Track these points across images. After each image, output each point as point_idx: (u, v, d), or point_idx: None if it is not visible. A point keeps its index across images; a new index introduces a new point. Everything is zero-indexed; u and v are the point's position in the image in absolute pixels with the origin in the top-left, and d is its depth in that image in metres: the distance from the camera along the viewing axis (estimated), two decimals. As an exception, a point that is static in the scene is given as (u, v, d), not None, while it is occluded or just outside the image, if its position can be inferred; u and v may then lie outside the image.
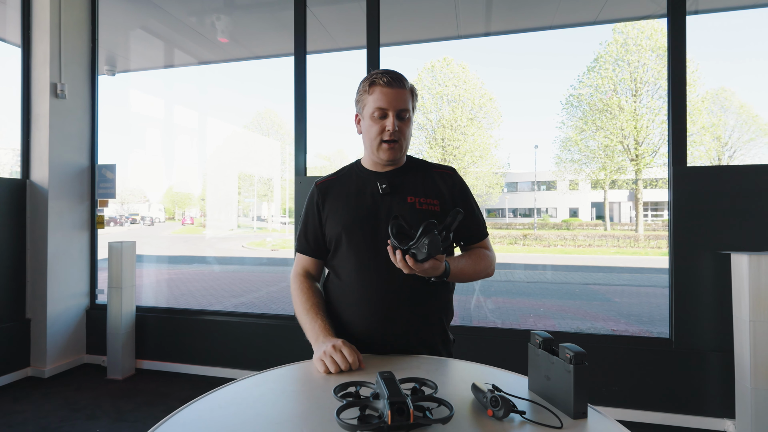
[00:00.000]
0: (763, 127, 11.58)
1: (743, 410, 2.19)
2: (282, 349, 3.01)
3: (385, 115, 1.12)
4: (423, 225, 0.95)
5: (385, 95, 1.11)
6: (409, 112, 1.15)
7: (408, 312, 1.12)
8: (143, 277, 6.98)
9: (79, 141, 3.41)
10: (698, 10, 3.30)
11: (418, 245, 0.95)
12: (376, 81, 1.13)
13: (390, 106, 1.11)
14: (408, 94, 1.15)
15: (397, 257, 0.97)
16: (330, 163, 12.02)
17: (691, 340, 2.45)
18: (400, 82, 1.13)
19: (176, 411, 0.77)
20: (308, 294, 1.18)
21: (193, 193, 12.72)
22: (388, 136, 1.13)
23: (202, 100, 7.79)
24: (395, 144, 1.14)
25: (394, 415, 0.65)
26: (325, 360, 0.97)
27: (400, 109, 1.12)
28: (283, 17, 3.75)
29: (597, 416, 0.73)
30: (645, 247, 11.47)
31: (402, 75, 1.15)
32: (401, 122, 1.13)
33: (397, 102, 1.12)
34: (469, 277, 1.17)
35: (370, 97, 1.14)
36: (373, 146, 1.16)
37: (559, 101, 12.58)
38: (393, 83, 1.12)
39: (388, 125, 1.12)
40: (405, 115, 1.14)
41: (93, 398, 2.79)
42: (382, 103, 1.12)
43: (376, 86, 1.13)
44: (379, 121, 1.13)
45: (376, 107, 1.12)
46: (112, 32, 3.90)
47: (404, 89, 1.13)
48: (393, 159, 1.16)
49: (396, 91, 1.12)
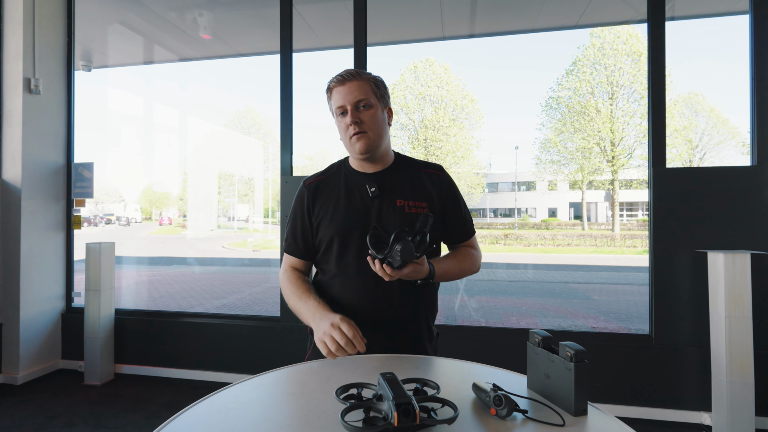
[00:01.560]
0: (731, 130, 12.04)
1: (719, 403, 2.27)
2: (267, 351, 2.97)
3: (345, 111, 1.14)
4: (394, 233, 0.99)
5: (339, 93, 1.14)
6: (370, 101, 1.15)
7: (395, 311, 1.15)
8: (121, 279, 6.78)
9: (55, 138, 3.29)
10: (674, 16, 3.42)
11: (392, 253, 0.98)
12: (330, 84, 1.17)
13: (345, 101, 1.13)
14: (366, 84, 1.15)
15: (376, 266, 1.01)
16: (312, 162, 11.93)
17: (669, 336, 2.53)
18: (352, 76, 1.14)
19: (173, 417, 0.75)
20: (297, 282, 1.19)
21: (171, 192, 12.44)
22: (353, 130, 1.14)
23: (182, 97, 7.61)
24: (362, 134, 1.14)
25: (401, 416, 0.65)
26: (325, 340, 0.98)
27: (356, 100, 1.13)
28: (267, 14, 3.70)
29: (597, 413, 0.75)
30: (621, 246, 11.79)
31: (358, 71, 1.16)
32: (361, 112, 1.14)
33: (352, 95, 1.13)
34: (454, 276, 1.20)
35: (332, 100, 1.17)
36: (347, 144, 1.18)
37: (539, 103, 12.82)
38: (344, 79, 1.14)
39: (347, 119, 1.13)
40: (364, 105, 1.14)
41: (70, 405, 2.70)
42: (338, 101, 1.15)
43: (332, 89, 1.16)
44: (343, 118, 1.15)
45: (336, 107, 1.16)
46: (89, 26, 3.78)
47: (359, 80, 1.14)
48: (366, 149, 1.15)
49: (348, 86, 1.13)
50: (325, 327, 1.00)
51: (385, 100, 1.20)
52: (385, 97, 1.20)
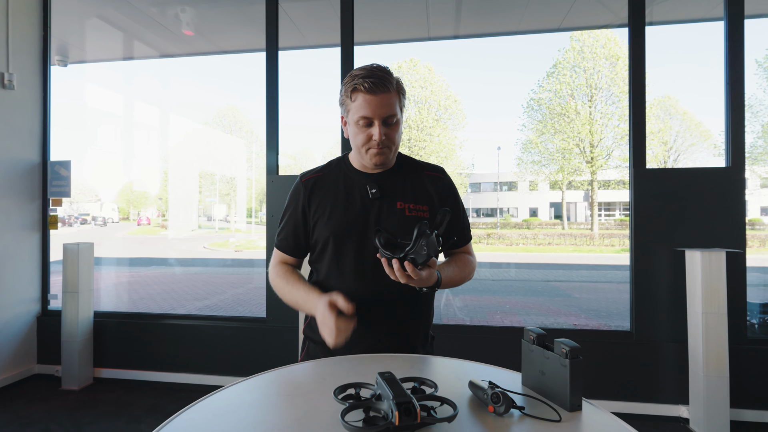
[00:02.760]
0: (703, 132, 12.48)
1: (696, 396, 2.35)
2: (254, 353, 2.93)
3: (371, 124, 1.06)
4: (417, 227, 0.92)
5: (369, 103, 1.03)
6: (397, 116, 1.08)
7: (394, 318, 1.12)
8: (100, 280, 6.59)
9: (30, 135, 3.18)
10: (651, 21, 3.52)
11: (417, 249, 0.92)
12: (357, 87, 1.04)
13: (374, 115, 1.04)
14: (394, 96, 1.06)
15: (395, 267, 0.94)
16: (295, 162, 11.83)
17: (650, 332, 2.60)
18: (384, 86, 1.04)
19: (165, 422, 0.74)
20: (287, 275, 1.17)
21: (150, 192, 12.16)
22: (376, 146, 1.07)
23: (162, 94, 7.44)
24: (384, 149, 1.09)
25: (402, 415, 0.65)
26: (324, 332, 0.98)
27: (386, 116, 1.05)
28: (251, 11, 3.65)
29: (591, 408, 0.77)
30: (600, 245, 12.08)
31: (386, 74, 1.06)
32: (388, 128, 1.07)
33: (382, 109, 1.04)
34: (455, 283, 1.17)
35: (353, 104, 1.06)
36: (361, 152, 1.11)
37: (521, 104, 13.04)
38: (376, 89, 1.03)
39: (374, 135, 1.05)
40: (392, 121, 1.07)
41: (46, 411, 2.61)
42: (366, 112, 1.04)
43: (359, 93, 1.04)
44: (365, 129, 1.06)
45: (360, 116, 1.05)
46: (66, 20, 3.65)
47: (389, 93, 1.05)
48: (382, 163, 1.12)
49: (380, 98, 1.03)
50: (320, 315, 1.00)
51: (405, 109, 1.14)
52: (405, 106, 1.13)
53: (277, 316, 2.88)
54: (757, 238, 10.17)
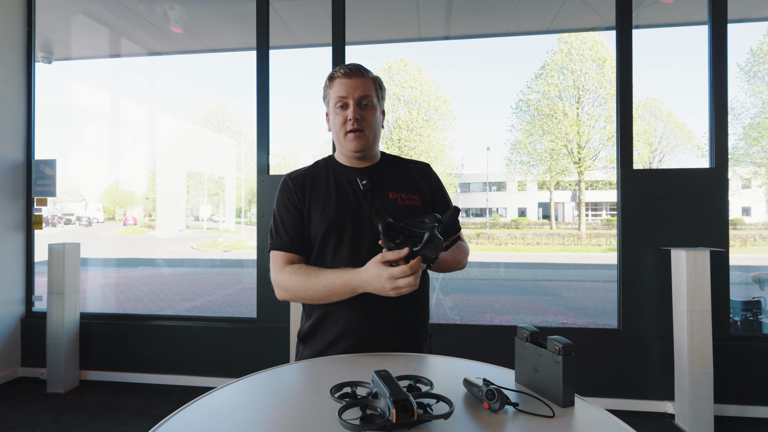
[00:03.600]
0: (687, 134, 12.75)
1: (681, 392, 2.40)
2: (244, 353, 2.91)
3: (346, 105, 1.13)
4: (428, 230, 0.92)
5: (344, 85, 1.12)
6: (372, 100, 1.14)
7: (395, 310, 1.11)
8: (86, 281, 6.48)
9: (13, 134, 3.11)
10: (637, 25, 3.58)
11: (426, 251, 0.92)
12: (334, 74, 1.15)
13: (349, 95, 1.12)
14: (370, 83, 1.15)
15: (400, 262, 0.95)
16: (285, 161, 11.77)
17: (636, 330, 2.65)
18: (359, 72, 1.14)
19: (161, 423, 0.73)
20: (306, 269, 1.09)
21: (136, 191, 11.98)
22: (351, 126, 1.12)
23: (150, 93, 7.34)
24: (360, 132, 1.13)
25: (399, 412, 0.65)
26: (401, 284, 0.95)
27: (360, 96, 1.12)
28: (240, 10, 3.62)
29: (583, 404, 0.78)
30: (587, 245, 12.25)
31: (363, 66, 1.16)
32: (363, 110, 1.13)
33: (356, 90, 1.12)
34: (449, 265, 1.19)
35: (332, 90, 1.15)
36: (339, 138, 1.15)
37: (510, 105, 13.17)
38: (351, 73, 1.13)
39: (349, 114, 1.12)
40: (366, 103, 1.14)
41: (31, 414, 2.56)
42: (341, 92, 1.13)
43: (335, 78, 1.14)
44: (341, 111, 1.13)
45: (337, 97, 1.13)
46: (51, 16, 3.58)
47: (364, 78, 1.14)
48: (361, 149, 1.14)
49: (355, 80, 1.13)
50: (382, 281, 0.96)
51: (383, 102, 1.21)
52: (383, 98, 1.20)
53: (268, 316, 2.86)
54: (738, 238, 10.42)
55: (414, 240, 0.95)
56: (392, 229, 0.97)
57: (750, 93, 8.85)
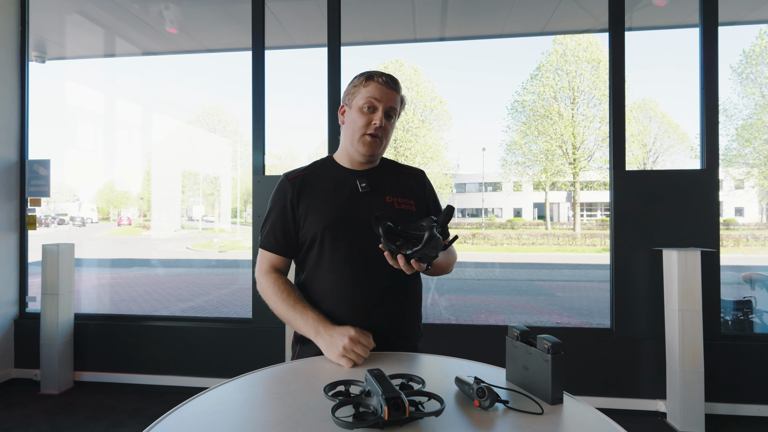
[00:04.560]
0: (681, 135, 12.85)
1: (673, 391, 2.43)
2: (239, 354, 2.91)
3: (376, 109, 1.15)
4: (427, 230, 0.97)
5: (380, 91, 1.15)
6: (395, 114, 1.19)
7: (390, 309, 1.14)
8: (80, 282, 6.44)
9: (6, 134, 3.10)
10: (631, 27, 3.61)
11: (426, 250, 0.96)
12: (374, 77, 1.16)
13: (382, 101, 1.15)
14: (398, 99, 1.19)
15: (401, 262, 0.98)
16: (281, 161, 11.75)
17: (629, 329, 2.68)
18: (395, 85, 1.17)
19: (156, 422, 0.74)
20: (288, 290, 1.14)
21: (131, 191, 11.92)
22: (373, 130, 1.14)
23: (144, 92, 7.30)
24: (377, 139, 1.15)
25: (391, 410, 0.67)
26: (349, 356, 0.98)
27: (389, 107, 1.16)
28: (236, 10, 3.62)
29: (572, 401, 0.80)
30: (582, 245, 12.32)
31: (399, 81, 1.20)
32: (387, 121, 1.16)
33: (390, 100, 1.16)
34: (442, 268, 1.22)
35: (364, 89, 1.16)
36: (354, 138, 1.16)
37: (505, 106, 13.22)
38: (389, 84, 1.16)
39: (375, 119, 1.14)
40: (391, 115, 1.17)
41: (25, 416, 2.55)
42: (375, 95, 1.14)
43: (373, 81, 1.16)
44: (368, 114, 1.15)
45: (368, 98, 1.14)
46: (44, 15, 3.56)
47: (397, 93, 1.18)
48: (373, 153, 1.17)
49: (390, 92, 1.16)
50: (342, 342, 1.00)
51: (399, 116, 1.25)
52: (400, 113, 1.24)
53: (264, 316, 2.87)
54: (731, 238, 10.52)
55: (414, 242, 0.99)
56: (392, 233, 1.00)
57: (743, 95, 8.94)
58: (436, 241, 0.96)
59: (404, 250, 0.98)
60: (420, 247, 0.96)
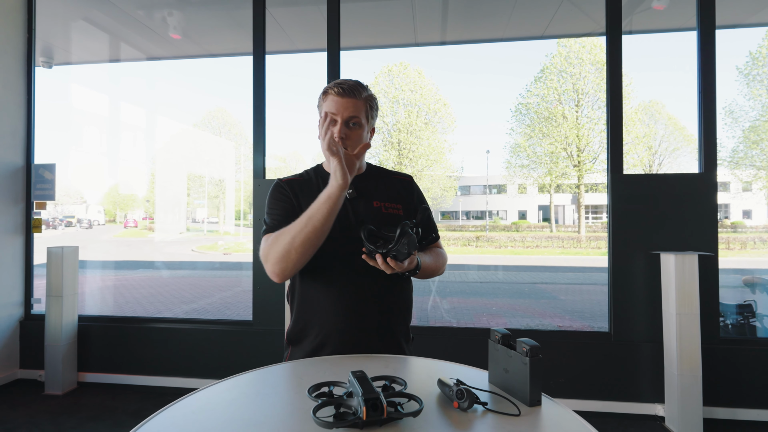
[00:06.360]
0: (687, 137, 12.76)
1: (671, 395, 2.43)
2: (239, 356, 2.94)
3: (334, 122, 1.17)
4: (400, 227, 1.02)
5: (335, 103, 1.17)
6: (361, 121, 1.19)
7: (378, 312, 1.16)
8: (85, 284, 6.52)
9: (13, 138, 3.16)
10: (632, 30, 3.62)
11: (399, 246, 1.01)
12: (328, 90, 1.19)
13: (338, 113, 1.16)
14: (361, 104, 1.19)
15: (379, 261, 1.03)
16: (285, 164, 11.81)
17: (627, 333, 2.68)
18: (352, 93, 1.17)
19: (145, 420, 0.77)
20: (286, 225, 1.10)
21: (137, 194, 12.04)
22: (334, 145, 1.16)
23: (149, 96, 7.38)
24: None
25: (369, 410, 0.69)
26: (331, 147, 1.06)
27: (348, 116, 1.17)
28: (238, 15, 3.68)
29: (549, 403, 0.81)
30: (587, 248, 12.25)
31: (358, 86, 1.20)
32: (350, 130, 1.18)
33: (346, 110, 1.17)
34: (431, 272, 1.25)
35: (324, 103, 1.20)
36: (323, 150, 1.17)
37: (509, 108, 13.20)
38: (344, 93, 1.17)
39: (334, 131, 1.16)
40: (353, 123, 1.18)
41: (29, 416, 2.60)
42: (331, 108, 1.17)
43: (329, 95, 1.19)
44: (329, 127, 1.17)
45: (326, 112, 1.18)
46: (51, 21, 3.64)
47: (356, 99, 1.18)
48: None
49: (346, 100, 1.17)
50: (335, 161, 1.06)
51: (373, 120, 1.25)
52: (373, 117, 1.25)
53: (264, 319, 2.90)
54: (738, 241, 10.42)
55: (392, 241, 1.04)
56: (373, 235, 1.06)
57: (749, 96, 8.87)
58: (409, 237, 1.00)
59: (382, 250, 1.02)
60: (393, 244, 1.01)
